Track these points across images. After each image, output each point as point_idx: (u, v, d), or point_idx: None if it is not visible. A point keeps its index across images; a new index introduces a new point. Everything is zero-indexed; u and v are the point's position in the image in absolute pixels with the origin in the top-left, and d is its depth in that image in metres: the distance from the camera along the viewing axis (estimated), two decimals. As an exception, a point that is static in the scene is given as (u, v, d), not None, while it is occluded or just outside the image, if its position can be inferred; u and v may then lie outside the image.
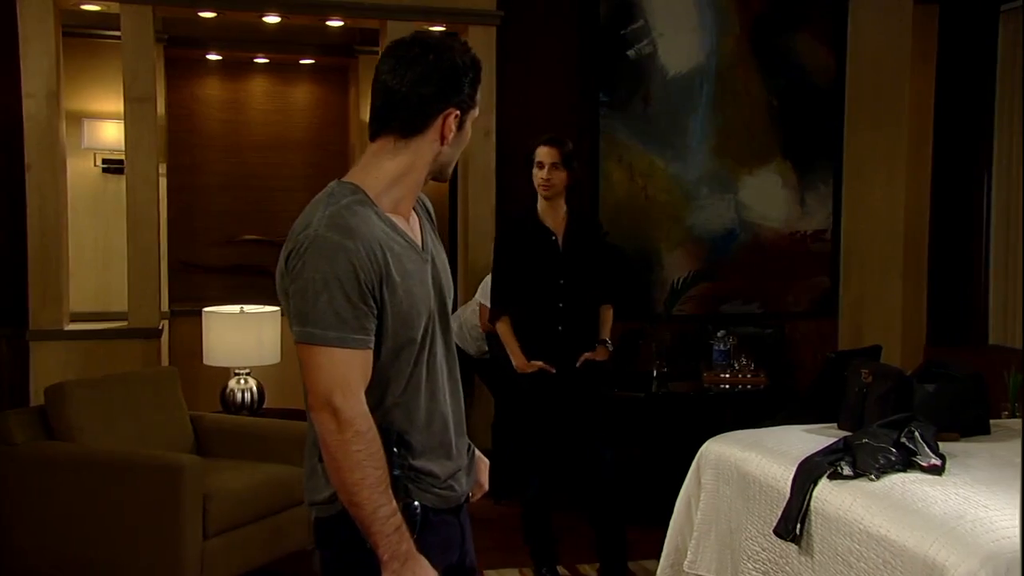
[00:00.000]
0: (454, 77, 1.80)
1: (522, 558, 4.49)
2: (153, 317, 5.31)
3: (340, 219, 1.73)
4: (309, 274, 1.70)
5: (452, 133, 1.82)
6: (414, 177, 1.84)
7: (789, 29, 6.33)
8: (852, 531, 2.80)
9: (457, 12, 5.72)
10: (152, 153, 5.30)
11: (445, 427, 1.88)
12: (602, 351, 4.08)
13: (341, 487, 1.72)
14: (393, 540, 1.72)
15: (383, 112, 1.81)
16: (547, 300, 3.98)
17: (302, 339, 1.73)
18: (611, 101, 6.11)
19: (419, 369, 1.83)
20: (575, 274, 4.02)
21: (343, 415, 1.70)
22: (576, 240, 4.04)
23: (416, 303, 1.80)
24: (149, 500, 3.59)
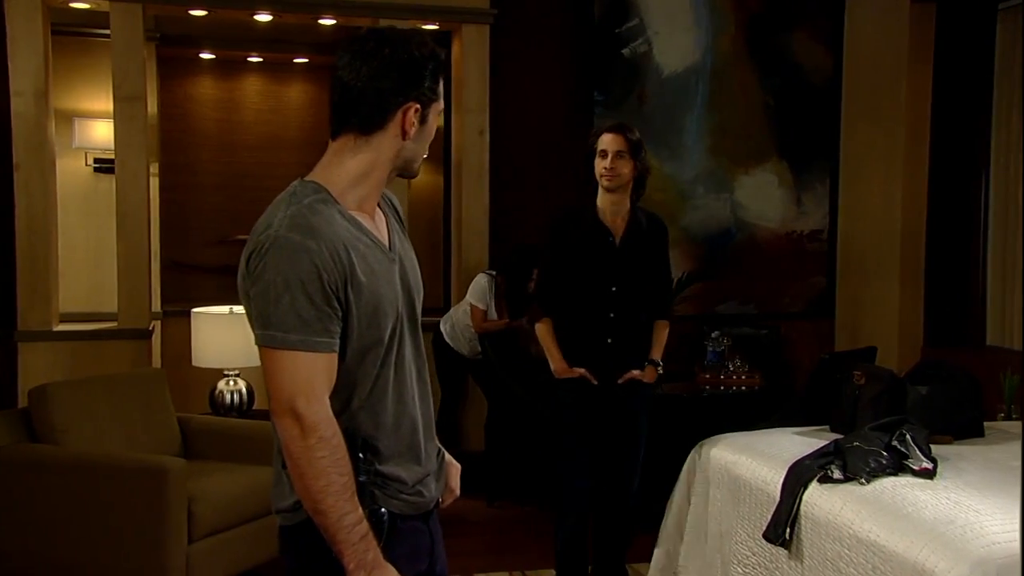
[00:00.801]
0: (411, 70, 1.76)
1: (515, 561, 4.46)
2: (143, 318, 5.28)
3: (302, 219, 1.68)
4: (270, 276, 1.66)
5: (414, 128, 1.78)
6: (377, 174, 1.80)
7: (785, 28, 6.29)
8: (841, 536, 2.76)
9: (450, 10, 5.69)
10: (142, 152, 5.27)
11: (413, 430, 1.84)
12: (651, 372, 3.68)
13: (305, 494, 1.68)
14: (359, 549, 1.68)
15: (341, 109, 1.77)
16: (597, 308, 3.60)
17: (264, 342, 1.68)
18: (606, 100, 6.08)
19: (386, 371, 1.78)
20: (631, 281, 3.60)
21: (307, 420, 1.65)
22: (636, 243, 3.60)
23: (383, 304, 1.76)
24: (133, 503, 3.56)
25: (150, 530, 3.52)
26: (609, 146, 3.54)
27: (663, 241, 3.75)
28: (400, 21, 5.51)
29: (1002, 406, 4.56)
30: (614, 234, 3.58)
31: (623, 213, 3.60)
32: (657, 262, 3.71)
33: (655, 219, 3.74)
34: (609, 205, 3.60)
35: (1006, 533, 2.49)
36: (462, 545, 4.72)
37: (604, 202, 3.60)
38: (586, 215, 3.62)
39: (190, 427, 4.31)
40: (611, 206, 3.60)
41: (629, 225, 3.60)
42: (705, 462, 3.53)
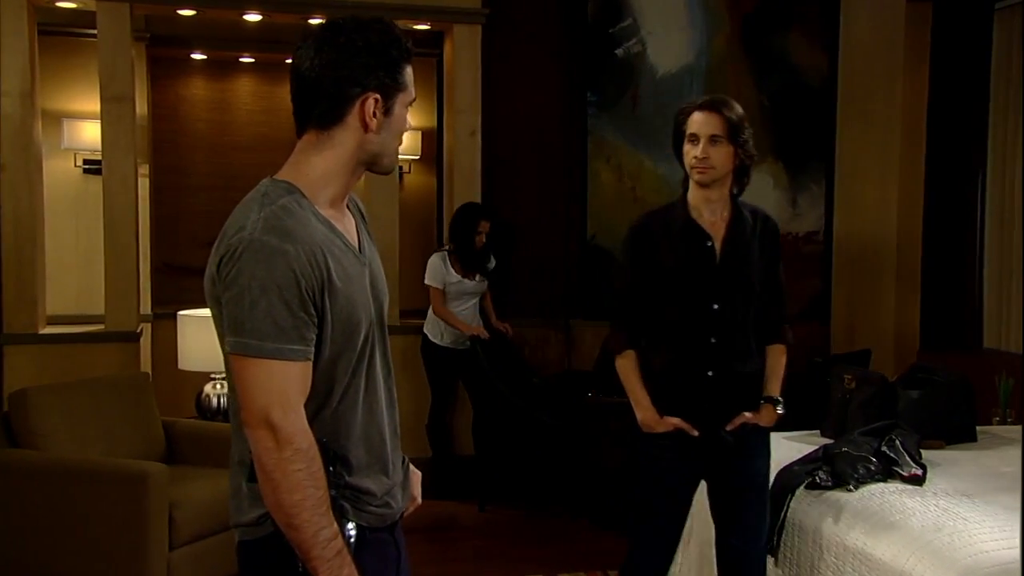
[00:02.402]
0: (368, 58, 1.68)
1: (505, 566, 4.42)
2: (131, 320, 5.25)
3: (277, 221, 1.61)
4: (245, 281, 1.59)
5: (376, 120, 1.70)
6: (345, 172, 1.73)
7: (780, 28, 6.25)
8: (828, 543, 2.73)
9: (442, 10, 5.66)
10: (130, 153, 5.23)
11: (382, 441, 1.78)
12: (769, 413, 2.82)
13: (278, 509, 1.61)
14: (334, 564, 1.62)
15: (300, 103, 1.71)
16: (694, 332, 2.80)
17: (237, 350, 1.61)
18: (599, 101, 6.04)
19: (357, 379, 1.72)
20: (736, 297, 2.80)
21: (282, 432, 1.59)
22: (741, 247, 2.81)
23: (357, 310, 1.70)
24: (114, 509, 3.52)
25: (130, 536, 3.48)
26: (701, 129, 2.78)
27: (775, 244, 2.91)
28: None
29: (997, 410, 4.52)
30: (713, 238, 2.79)
31: (723, 211, 2.82)
32: (768, 271, 2.86)
33: (763, 216, 2.91)
34: (704, 202, 2.82)
35: (995, 542, 2.45)
36: (453, 551, 4.68)
37: (697, 198, 2.83)
38: (675, 215, 2.85)
39: (175, 431, 4.28)
40: (707, 203, 2.82)
41: (731, 226, 2.81)
42: (694, 467, 3.48)
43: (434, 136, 6.71)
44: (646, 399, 2.83)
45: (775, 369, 2.89)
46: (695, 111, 2.82)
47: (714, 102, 2.85)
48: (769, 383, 2.87)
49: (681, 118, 2.85)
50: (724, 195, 2.83)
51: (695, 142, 2.79)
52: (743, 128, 2.83)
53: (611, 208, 6.10)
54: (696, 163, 2.78)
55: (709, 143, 2.77)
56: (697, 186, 2.82)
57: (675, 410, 2.78)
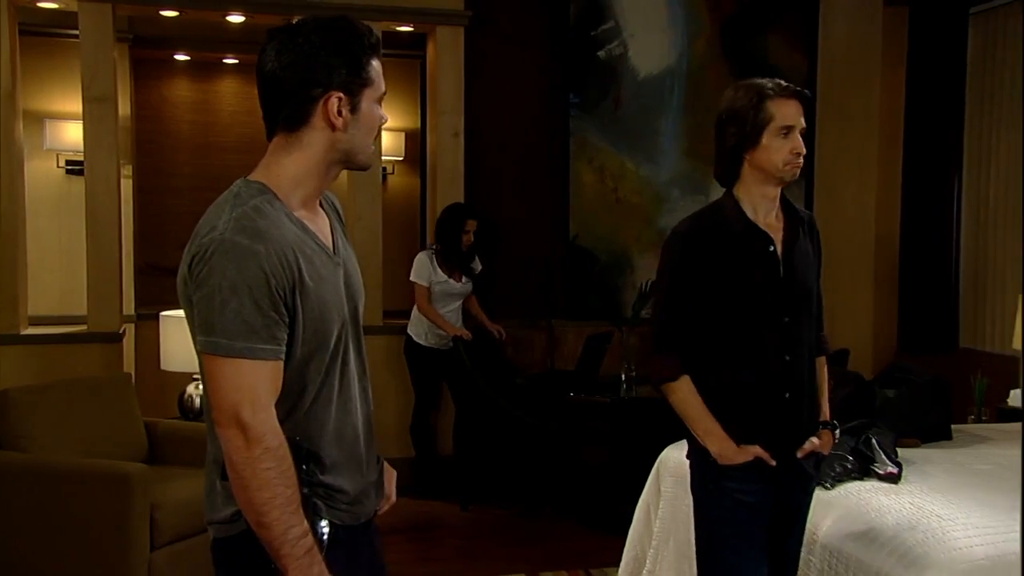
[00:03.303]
0: (327, 57, 1.66)
1: (488, 565, 4.42)
2: (113, 321, 5.22)
3: (249, 221, 1.62)
4: (216, 280, 1.59)
5: (342, 118, 1.70)
6: (317, 172, 1.73)
7: (760, 31, 6.28)
8: (805, 541, 2.73)
9: (424, 12, 5.65)
10: (113, 154, 5.21)
11: (356, 440, 1.78)
12: (827, 439, 2.52)
13: (248, 507, 1.61)
14: (304, 563, 1.62)
15: (265, 106, 1.71)
16: (767, 350, 2.42)
17: (207, 349, 1.61)
18: (581, 102, 6.05)
19: (331, 379, 1.72)
20: (803, 306, 2.47)
21: (252, 431, 1.59)
22: (801, 251, 2.47)
23: (329, 310, 1.70)
24: (95, 510, 3.49)
25: (111, 537, 3.46)
26: (797, 120, 2.42)
27: (818, 243, 2.59)
28: (373, 23, 5.45)
29: (973, 408, 4.56)
30: (775, 241, 2.43)
31: (776, 210, 2.47)
32: (817, 276, 2.56)
33: (808, 214, 2.61)
34: (764, 201, 2.44)
35: (968, 539, 2.46)
36: (436, 550, 4.68)
37: (755, 196, 2.44)
38: (728, 217, 2.44)
39: (157, 432, 4.25)
40: (765, 202, 2.44)
41: (788, 227, 2.47)
42: (675, 465, 3.49)
43: (418, 137, 6.70)
44: (719, 428, 2.40)
45: (823, 386, 2.58)
46: (782, 97, 2.40)
47: (798, 88, 2.48)
48: (822, 404, 2.56)
49: (752, 106, 2.39)
50: (776, 193, 2.47)
51: (787, 134, 2.39)
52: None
53: (593, 209, 6.11)
54: (794, 159, 2.40)
55: (801, 135, 2.42)
56: (763, 184, 2.42)
57: (749, 438, 2.40)
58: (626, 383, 5.21)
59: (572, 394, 5.21)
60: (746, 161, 2.41)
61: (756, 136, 2.39)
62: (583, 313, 5.97)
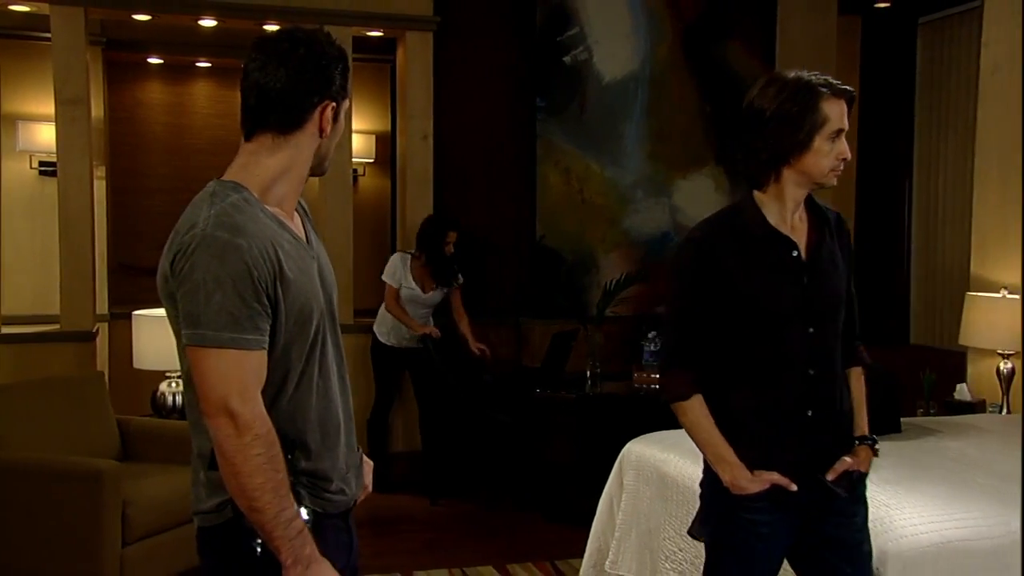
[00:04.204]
0: (326, 69, 1.74)
1: (456, 557, 4.41)
2: (86, 320, 5.16)
3: (228, 217, 1.64)
4: (200, 275, 1.61)
5: (330, 125, 1.77)
6: (297, 173, 1.78)
7: (720, 38, 6.32)
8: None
9: (394, 17, 5.64)
10: (86, 155, 5.15)
11: (337, 428, 1.81)
12: (866, 456, 2.25)
13: (240, 493, 1.63)
14: (296, 544, 1.64)
15: (258, 110, 1.73)
16: (789, 364, 2.18)
17: (194, 342, 1.63)
18: (548, 106, 6.06)
19: (311, 368, 1.75)
20: (829, 316, 2.22)
21: (242, 419, 1.61)
22: (827, 256, 2.23)
23: (309, 301, 1.73)
24: (67, 507, 3.46)
25: (84, 533, 3.42)
26: (844, 122, 2.14)
27: (850, 248, 2.32)
28: (345, 28, 5.45)
29: (921, 402, 4.62)
30: (798, 245, 2.20)
31: (800, 214, 2.23)
32: (849, 278, 2.30)
33: (836, 215, 2.32)
34: (791, 203, 2.19)
35: (913, 527, 2.50)
36: (403, 543, 4.66)
37: (786, 199, 2.18)
38: (747, 220, 2.20)
39: (130, 429, 4.21)
40: (793, 204, 2.19)
41: (813, 230, 2.23)
42: (636, 460, 3.51)
43: (388, 140, 6.68)
44: (731, 454, 2.15)
45: (860, 399, 2.31)
46: (836, 98, 2.12)
47: (847, 87, 2.17)
48: (858, 418, 2.29)
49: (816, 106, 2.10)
50: (801, 197, 2.21)
51: (836, 138, 2.12)
52: None
53: (559, 210, 6.13)
54: (839, 164, 2.15)
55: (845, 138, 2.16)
56: (799, 188, 2.17)
57: (767, 463, 2.14)
58: (591, 379, 5.23)
59: (538, 390, 5.22)
60: (790, 165, 2.13)
61: (808, 140, 2.10)
62: (549, 311, 5.98)
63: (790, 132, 2.10)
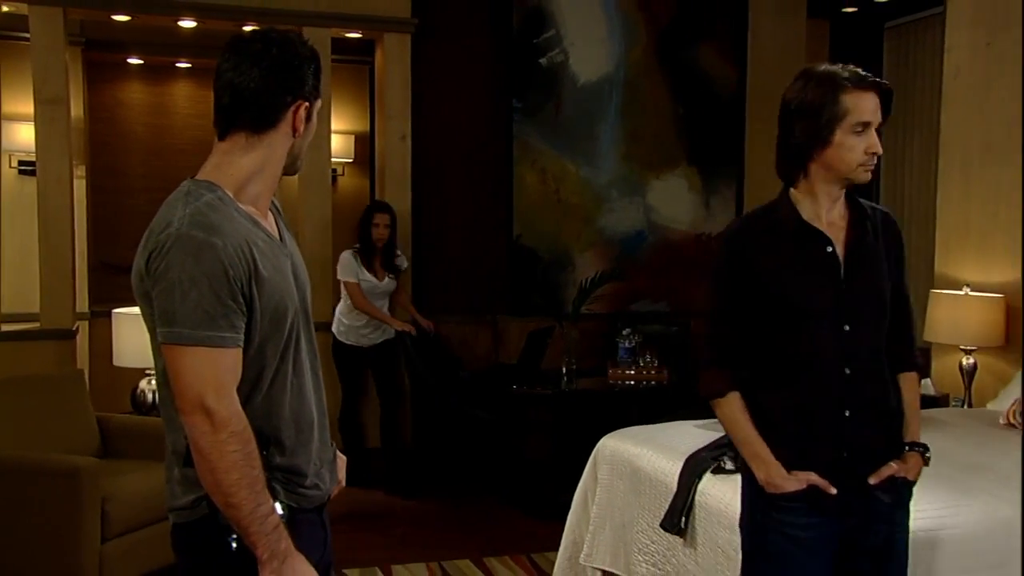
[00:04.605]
0: (299, 70, 1.73)
1: (432, 551, 4.39)
2: (66, 318, 5.09)
3: (202, 217, 1.62)
4: (175, 274, 1.59)
5: (303, 125, 1.76)
6: (271, 172, 1.77)
7: (693, 42, 6.33)
8: (732, 524, 2.74)
9: (372, 19, 5.60)
10: (65, 154, 5.08)
11: (311, 424, 1.80)
12: (915, 463, 2.15)
13: (216, 489, 1.61)
14: (272, 539, 1.63)
15: (232, 110, 1.72)
16: (823, 362, 2.10)
17: (170, 340, 1.61)
18: (524, 107, 6.05)
19: (286, 365, 1.74)
20: (868, 314, 2.12)
21: (218, 416, 1.60)
22: (868, 253, 2.13)
23: (284, 299, 1.72)
24: (46, 504, 3.41)
25: (63, 530, 3.37)
26: (874, 115, 2.04)
27: (900, 247, 2.21)
28: (323, 29, 5.42)
29: (889, 397, 4.63)
30: (833, 241, 2.11)
31: (839, 209, 2.13)
32: (898, 279, 2.19)
33: (883, 213, 2.21)
34: (826, 199, 2.11)
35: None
36: (382, 538, 4.63)
37: (819, 195, 2.11)
38: (781, 216, 2.13)
39: (109, 426, 4.16)
40: (828, 201, 2.11)
41: (852, 226, 2.13)
42: (610, 454, 3.50)
43: (367, 140, 6.64)
44: (767, 451, 2.08)
45: (913, 404, 2.19)
46: (861, 90, 2.02)
47: (878, 79, 2.08)
48: (910, 424, 2.17)
49: (836, 98, 2.02)
50: (839, 192, 2.12)
51: (863, 131, 2.02)
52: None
53: (536, 209, 6.12)
54: (868, 159, 2.05)
55: (877, 131, 2.05)
56: (830, 184, 2.08)
57: (803, 463, 2.06)
58: (567, 376, 5.22)
59: (515, 386, 5.20)
60: (815, 160, 2.06)
61: (828, 133, 2.02)
62: (526, 309, 5.97)
63: (811, 125, 2.03)
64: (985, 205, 4.41)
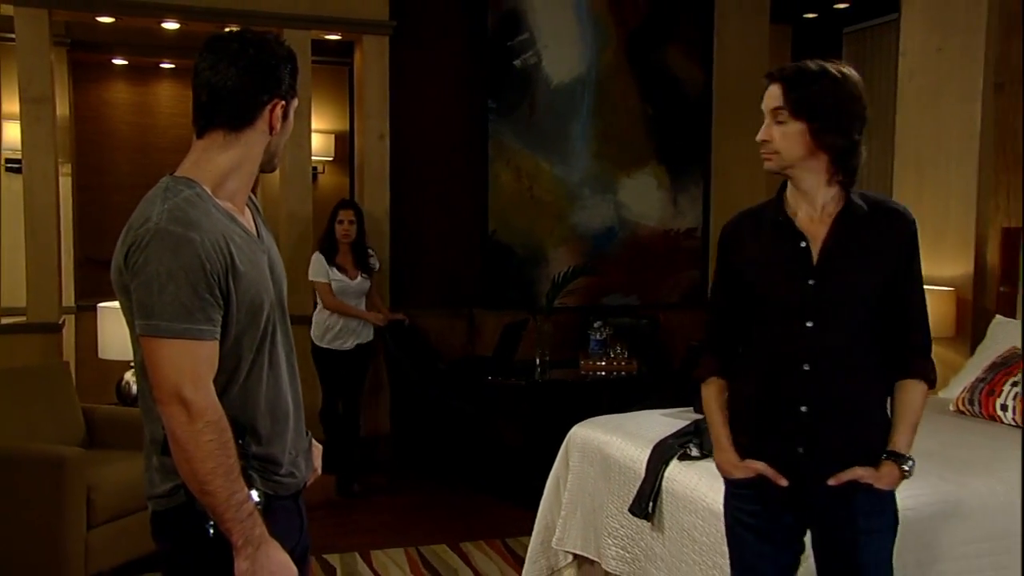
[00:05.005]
0: (276, 69, 1.74)
1: (410, 537, 4.40)
2: (52, 312, 5.05)
3: (181, 212, 1.63)
4: (153, 268, 1.59)
5: (279, 123, 1.76)
6: (248, 169, 1.76)
7: (661, 44, 6.36)
8: (696, 508, 2.79)
9: (351, 22, 5.59)
10: (51, 152, 5.03)
11: (287, 414, 1.80)
12: (890, 472, 2.03)
13: (192, 477, 1.62)
14: (247, 525, 1.64)
15: (210, 108, 1.72)
16: (781, 355, 2.06)
17: (148, 332, 1.61)
18: (499, 107, 6.05)
19: (262, 357, 1.74)
20: (836, 313, 2.03)
21: (194, 406, 1.60)
22: (848, 251, 2.04)
23: (260, 293, 1.72)
24: (33, 492, 3.38)
25: (49, 517, 3.35)
26: (764, 103, 2.07)
27: (908, 247, 2.06)
28: (304, 31, 5.39)
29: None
30: (809, 238, 2.04)
31: (828, 206, 2.05)
32: (899, 284, 2.05)
33: (888, 210, 2.08)
34: (798, 195, 2.07)
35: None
36: (362, 524, 4.64)
37: (791, 191, 2.09)
38: (766, 210, 2.13)
39: (95, 417, 4.13)
40: (801, 196, 2.06)
41: (837, 223, 2.04)
42: (581, 442, 3.52)
43: (346, 139, 6.63)
44: (724, 438, 2.12)
45: (904, 414, 2.05)
46: (768, 84, 2.06)
47: (783, 68, 2.07)
48: (896, 432, 2.04)
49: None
50: (818, 186, 2.04)
51: (772, 123, 2.05)
52: (824, 101, 2.01)
53: (510, 206, 6.13)
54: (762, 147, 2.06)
55: (773, 121, 2.04)
56: (791, 179, 2.06)
57: (757, 453, 2.07)
58: (540, 367, 5.24)
59: (490, 378, 5.22)
60: None
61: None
62: (501, 302, 5.99)
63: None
64: (936, 202, 4.47)
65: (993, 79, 4.22)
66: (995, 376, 3.55)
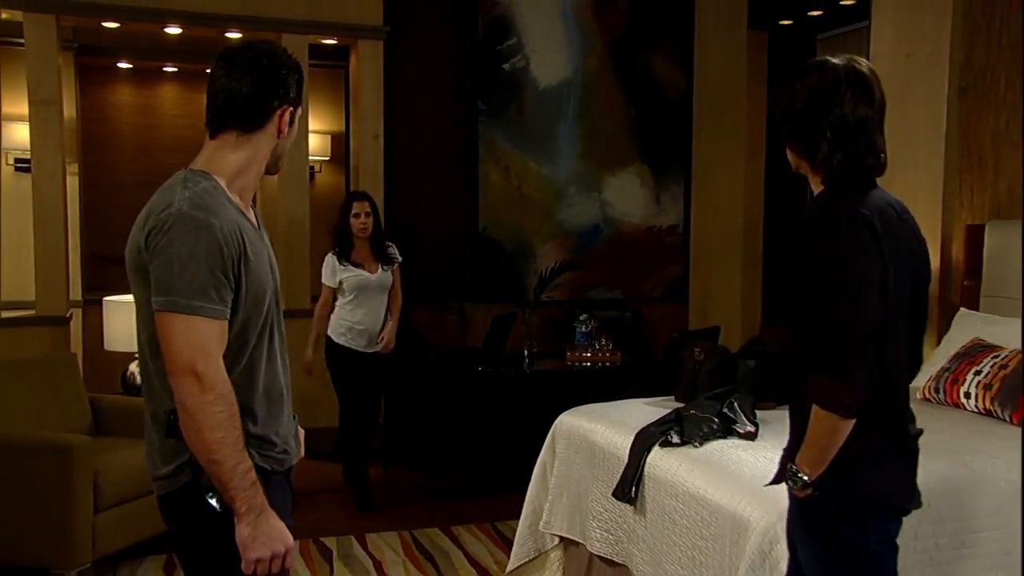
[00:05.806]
0: (286, 78, 1.81)
1: (404, 520, 4.40)
2: (60, 305, 5.02)
3: (201, 200, 1.68)
4: (176, 249, 1.63)
5: (287, 127, 1.83)
6: (255, 168, 1.82)
7: (644, 50, 6.36)
8: (677, 492, 2.80)
9: (347, 27, 5.57)
10: (58, 152, 5.00)
11: (280, 397, 1.85)
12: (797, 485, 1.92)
13: (201, 446, 1.64)
14: (250, 494, 1.67)
15: (225, 111, 1.78)
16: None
17: (166, 308, 1.64)
18: (489, 109, 6.04)
19: (262, 343, 1.79)
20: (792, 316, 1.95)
21: (206, 379, 1.63)
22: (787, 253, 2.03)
23: (265, 282, 1.78)
24: (42, 478, 3.37)
25: (58, 502, 3.34)
26: None
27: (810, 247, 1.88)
28: (302, 36, 5.37)
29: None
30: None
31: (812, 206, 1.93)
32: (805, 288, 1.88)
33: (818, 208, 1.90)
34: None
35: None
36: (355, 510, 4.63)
37: None
38: None
39: (101, 407, 4.12)
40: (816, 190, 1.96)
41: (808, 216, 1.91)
42: (567, 430, 3.53)
43: (342, 139, 6.61)
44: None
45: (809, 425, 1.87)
46: None
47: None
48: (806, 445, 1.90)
49: None
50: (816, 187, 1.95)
51: None
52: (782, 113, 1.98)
53: (500, 204, 6.12)
54: None
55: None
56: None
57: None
58: (528, 358, 5.24)
59: (480, 368, 5.22)
60: None
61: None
62: (491, 296, 5.99)
63: None
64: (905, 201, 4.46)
65: (958, 84, 4.23)
66: (959, 366, 3.57)
